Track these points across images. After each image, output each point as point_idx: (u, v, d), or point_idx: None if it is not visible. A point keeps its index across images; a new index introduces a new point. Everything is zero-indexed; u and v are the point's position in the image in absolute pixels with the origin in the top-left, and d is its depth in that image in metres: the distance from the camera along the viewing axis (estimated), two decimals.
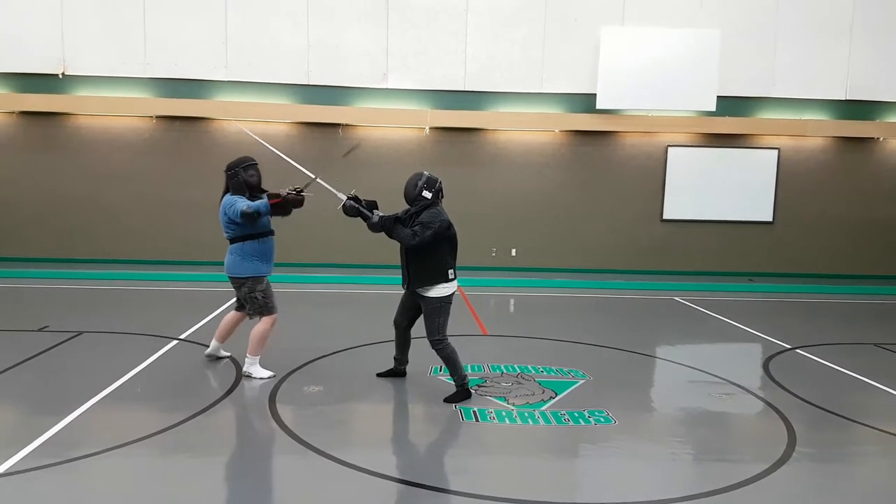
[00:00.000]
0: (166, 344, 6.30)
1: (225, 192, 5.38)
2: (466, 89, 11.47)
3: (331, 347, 6.32)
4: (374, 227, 4.87)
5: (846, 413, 4.89)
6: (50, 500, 3.31)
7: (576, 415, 4.66)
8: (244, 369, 5.37)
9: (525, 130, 11.70)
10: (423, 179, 4.84)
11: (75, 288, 9.38)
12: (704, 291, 10.65)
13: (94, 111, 11.09)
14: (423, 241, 4.71)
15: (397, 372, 5.42)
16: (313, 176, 5.19)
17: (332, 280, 10.52)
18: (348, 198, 4.96)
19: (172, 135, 11.31)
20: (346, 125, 11.44)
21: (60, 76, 11.03)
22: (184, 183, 11.39)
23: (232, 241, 5.26)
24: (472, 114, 11.40)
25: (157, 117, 11.24)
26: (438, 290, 4.85)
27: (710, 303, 9.62)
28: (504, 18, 11.37)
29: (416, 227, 4.75)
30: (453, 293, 4.95)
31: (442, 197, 4.92)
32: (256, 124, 11.36)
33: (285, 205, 5.03)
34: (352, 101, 11.37)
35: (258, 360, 5.36)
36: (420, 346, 6.14)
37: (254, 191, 5.32)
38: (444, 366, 5.07)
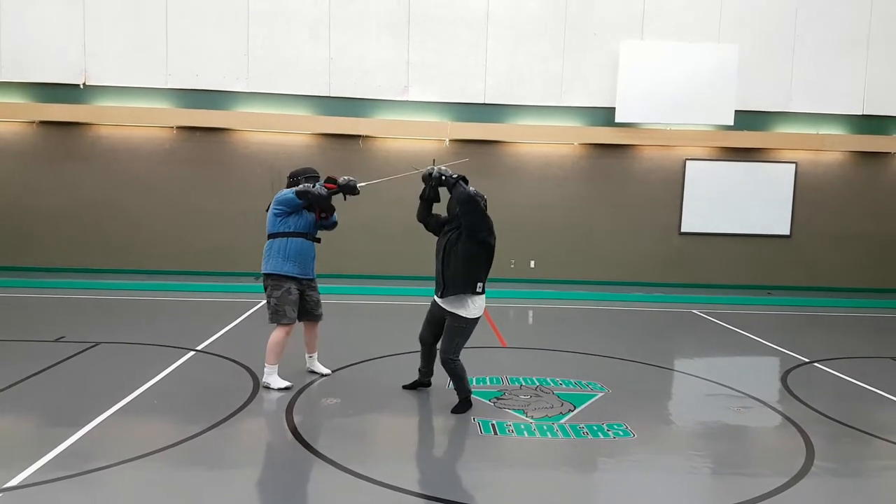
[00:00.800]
0: (183, 355, 6.35)
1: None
2: (486, 102, 11.55)
3: (349, 359, 6.36)
4: (450, 184, 4.94)
5: (865, 427, 4.84)
6: None
7: (594, 428, 4.66)
8: (262, 379, 5.41)
9: (544, 143, 11.74)
10: (475, 193, 4.88)
11: (93, 298, 9.51)
12: (722, 304, 10.59)
13: (114, 121, 11.27)
14: (478, 201, 4.81)
15: (422, 383, 5.46)
16: (423, 168, 5.37)
17: (348, 291, 10.59)
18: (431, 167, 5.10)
19: (193, 145, 11.47)
20: (367, 136, 11.55)
21: (82, 86, 11.23)
22: (203, 193, 11.54)
23: (269, 236, 5.30)
24: (492, 126, 11.47)
25: (178, 128, 11.40)
26: (468, 310, 4.87)
27: (727, 316, 9.56)
28: (524, 31, 11.45)
29: (474, 190, 4.84)
30: (478, 318, 4.98)
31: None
32: (277, 136, 11.51)
33: (342, 191, 5.10)
34: (372, 113, 11.49)
35: (276, 370, 5.36)
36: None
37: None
38: (478, 377, 5.14)
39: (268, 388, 5.32)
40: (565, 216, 11.90)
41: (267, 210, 5.38)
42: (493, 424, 4.67)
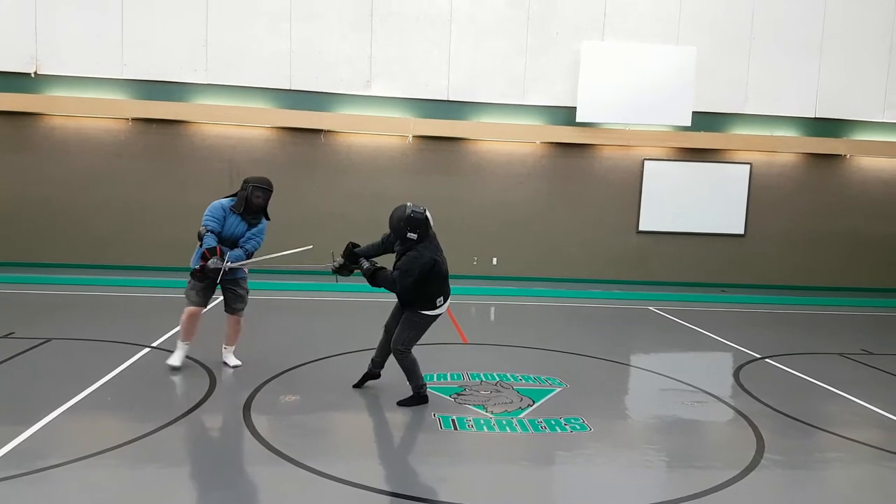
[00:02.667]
0: (138, 351, 6.20)
1: (231, 195, 5.61)
2: (450, 99, 11.55)
3: (309, 356, 6.29)
4: (367, 274, 4.83)
5: (812, 421, 5.02)
6: None
7: (552, 422, 4.72)
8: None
9: (507, 141, 11.81)
10: (405, 220, 4.69)
11: (44, 293, 9.20)
12: (678, 302, 10.84)
13: (67, 112, 10.90)
14: (404, 287, 4.74)
15: (372, 374, 5.36)
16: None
17: (311, 287, 10.48)
18: (335, 261, 5.04)
19: (149, 138, 11.18)
20: (329, 131, 11.43)
21: (33, 75, 10.83)
22: (160, 187, 11.26)
23: None
24: (455, 123, 11.48)
25: (133, 119, 11.10)
26: (428, 311, 4.92)
27: (682, 313, 9.79)
28: (487, 30, 11.49)
29: (396, 274, 4.74)
30: (437, 316, 5.01)
31: (430, 226, 4.84)
32: (235, 129, 11.31)
33: (205, 272, 5.34)
34: (334, 108, 11.37)
35: (180, 348, 5.68)
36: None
37: (253, 211, 5.48)
38: (423, 374, 5.10)
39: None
40: (527, 214, 12.01)
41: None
42: (453, 420, 4.69)
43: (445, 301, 4.99)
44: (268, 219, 5.69)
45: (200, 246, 5.40)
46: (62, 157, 11.09)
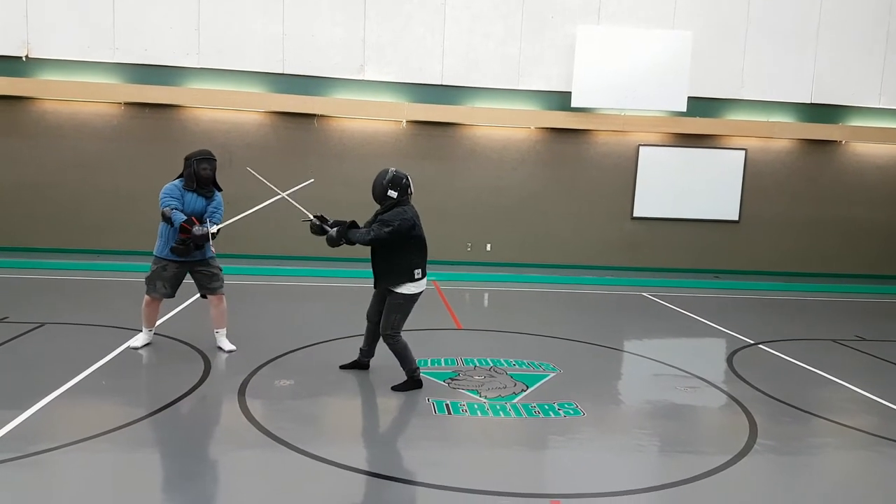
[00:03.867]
0: (132, 336, 6.16)
1: (179, 176, 5.58)
2: (444, 83, 11.46)
3: (303, 341, 6.29)
4: (332, 241, 4.83)
5: (805, 406, 5.05)
6: (9, 494, 3.25)
7: (546, 407, 4.73)
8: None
9: (501, 126, 11.75)
10: (388, 178, 4.81)
11: (38, 278, 9.16)
12: (671, 287, 10.87)
13: (59, 96, 10.78)
14: (378, 237, 4.72)
15: (360, 364, 5.40)
16: (281, 193, 5.46)
17: (305, 273, 10.46)
18: (315, 216, 5.06)
19: (142, 122, 11.08)
20: (322, 116, 11.35)
21: (24, 59, 10.69)
22: (153, 171, 11.10)
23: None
24: (449, 108, 11.41)
25: (126, 104, 10.99)
26: (406, 288, 4.88)
27: (676, 299, 9.82)
28: (481, 14, 11.39)
29: (374, 225, 4.78)
30: (420, 293, 4.98)
31: (411, 193, 4.92)
32: (229, 113, 11.21)
33: (192, 240, 5.28)
34: (327, 92, 11.28)
35: (143, 333, 5.82)
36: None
37: (204, 184, 5.51)
38: (417, 359, 5.15)
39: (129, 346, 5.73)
40: (521, 200, 11.98)
41: None
42: (447, 405, 4.70)
43: (424, 276, 4.94)
44: (219, 189, 5.74)
45: (171, 225, 5.36)
46: (55, 141, 10.99)
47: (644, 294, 10.20)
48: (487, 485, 3.52)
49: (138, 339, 5.82)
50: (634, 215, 12.19)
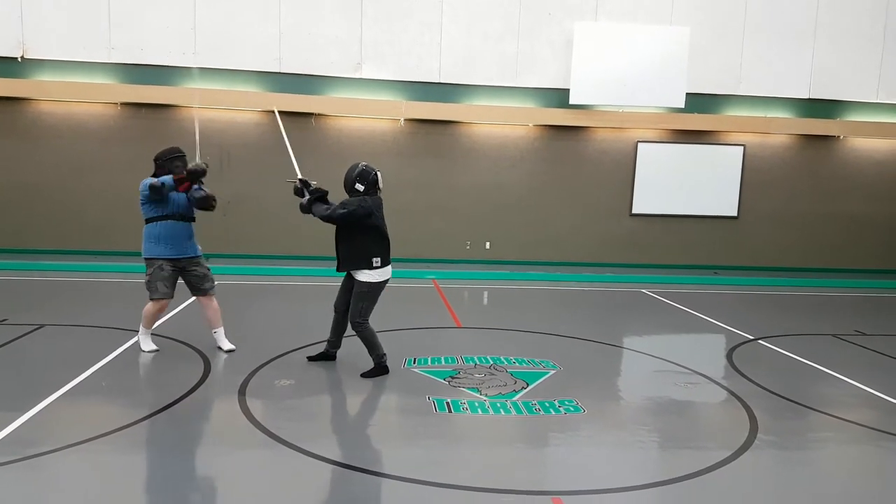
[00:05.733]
0: (132, 337, 6.15)
1: (153, 175, 5.64)
2: (441, 81, 11.44)
3: (303, 341, 6.27)
4: (302, 207, 5.11)
5: (805, 401, 5.05)
6: (9, 497, 3.23)
7: (546, 404, 4.73)
8: (137, 339, 5.81)
9: (499, 124, 11.73)
10: (357, 171, 5.07)
11: (36, 280, 9.14)
12: (671, 284, 10.87)
13: (55, 97, 10.74)
14: (332, 215, 4.96)
15: (328, 355, 5.52)
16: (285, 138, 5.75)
17: (303, 272, 10.44)
18: (299, 179, 5.23)
19: (138, 122, 11.03)
20: (319, 115, 11.32)
21: (20, 59, 10.65)
22: (150, 172, 11.10)
23: (145, 222, 5.61)
24: (447, 106, 11.38)
25: (123, 104, 10.95)
26: (367, 276, 5.07)
27: (676, 295, 9.82)
28: (478, 11, 11.36)
29: (336, 205, 5.01)
30: (382, 283, 5.15)
31: (379, 189, 5.16)
32: (225, 112, 11.18)
33: (190, 177, 5.32)
34: (325, 91, 11.25)
35: (148, 334, 5.76)
36: (393, 337, 6.17)
37: (178, 183, 5.50)
38: (417, 358, 5.20)
39: (140, 349, 5.68)
40: (520, 197, 11.96)
41: None
42: (447, 403, 4.69)
43: (384, 265, 5.11)
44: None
45: (164, 190, 5.38)
46: (51, 142, 10.94)
47: (643, 291, 10.20)
48: (489, 483, 3.51)
49: (147, 342, 5.74)
50: (633, 212, 12.17)
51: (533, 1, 11.41)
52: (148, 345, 5.73)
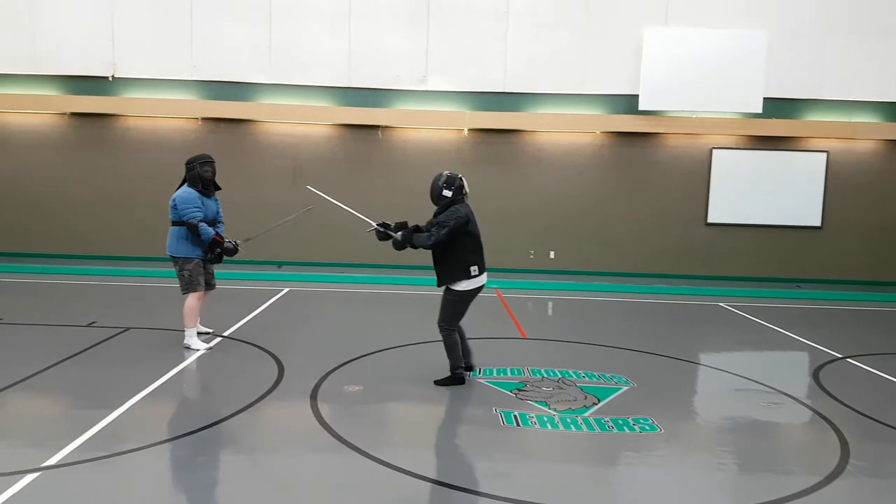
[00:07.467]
0: (210, 340, 6.42)
1: (182, 184, 6.19)
2: (506, 90, 11.42)
3: (370, 347, 6.35)
4: (397, 245, 5.17)
5: None
6: (97, 491, 3.40)
7: (619, 422, 4.58)
8: (184, 342, 6.11)
9: (565, 132, 11.59)
10: (443, 179, 5.14)
11: (123, 284, 9.66)
12: (750, 297, 10.39)
13: (141, 113, 11.39)
14: (438, 239, 4.99)
15: (467, 369, 5.47)
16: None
17: (367, 280, 10.60)
18: (378, 224, 5.30)
19: (217, 136, 11.52)
20: (386, 127, 11.51)
21: (111, 78, 11.37)
22: (228, 183, 11.48)
23: (173, 223, 6.06)
24: (511, 115, 11.35)
25: (203, 119, 11.48)
26: (462, 285, 5.07)
27: (755, 309, 9.37)
28: (545, 19, 11.28)
29: (433, 228, 5.06)
30: (474, 290, 5.13)
31: (465, 194, 5.19)
32: (298, 126, 11.53)
33: (222, 251, 6.07)
34: (391, 103, 11.43)
35: (195, 333, 6.14)
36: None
37: (207, 185, 6.17)
38: (483, 368, 5.30)
39: (188, 348, 6.05)
40: (586, 206, 11.75)
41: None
42: (515, 415, 4.62)
43: (481, 272, 5.12)
44: (219, 188, 6.39)
45: (198, 237, 5.94)
46: (138, 155, 11.59)
47: (720, 304, 9.79)
48: (558, 500, 3.43)
49: (196, 341, 6.12)
50: (709, 221, 11.74)
51: (599, 7, 11.24)
52: (197, 343, 6.10)
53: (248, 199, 11.45)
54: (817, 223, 11.75)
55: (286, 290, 9.64)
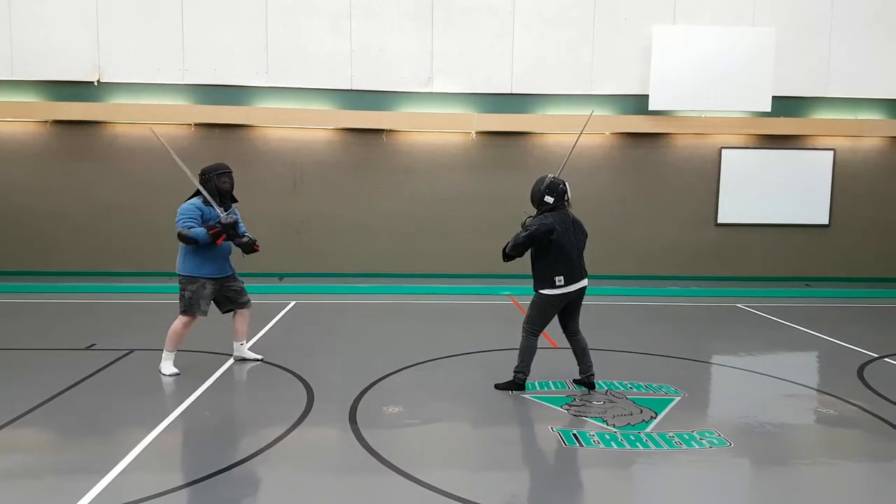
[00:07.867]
0: (224, 361, 6.00)
1: (194, 195, 5.64)
2: (513, 92, 11.14)
3: (399, 363, 6.00)
4: (506, 257, 5.15)
5: None
6: None
7: (685, 437, 4.29)
8: (159, 366, 5.55)
9: (573, 133, 11.33)
10: (546, 184, 4.98)
11: (116, 303, 9.15)
12: (763, 297, 10.23)
13: (130, 119, 10.85)
14: (517, 242, 4.92)
15: (584, 382, 5.24)
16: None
17: (378, 290, 10.23)
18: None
19: (212, 143, 11.05)
20: (390, 130, 11.15)
21: (96, 83, 10.83)
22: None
23: None
24: (519, 117, 11.07)
25: (196, 125, 11.00)
26: (546, 291, 5.00)
27: (773, 309, 9.20)
28: (551, 19, 11.04)
29: (518, 232, 4.94)
30: (558, 295, 4.96)
31: (567, 200, 5.00)
32: (298, 131, 11.12)
33: (225, 231, 5.31)
34: (396, 106, 11.09)
35: (172, 358, 5.53)
36: (485, 359, 5.81)
37: (225, 197, 5.61)
38: (540, 381, 5.18)
39: (160, 373, 5.48)
40: (597, 208, 11.46)
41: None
42: (574, 434, 4.30)
43: (567, 283, 4.93)
44: (236, 200, 5.78)
45: (197, 244, 5.35)
46: (127, 164, 11.05)
47: (738, 304, 9.60)
48: None
49: (169, 366, 5.52)
50: (719, 221, 11.57)
51: (607, 6, 11.03)
52: (170, 368, 5.51)
53: (245, 208, 10.94)
54: (825, 221, 11.66)
55: (292, 303, 9.23)
